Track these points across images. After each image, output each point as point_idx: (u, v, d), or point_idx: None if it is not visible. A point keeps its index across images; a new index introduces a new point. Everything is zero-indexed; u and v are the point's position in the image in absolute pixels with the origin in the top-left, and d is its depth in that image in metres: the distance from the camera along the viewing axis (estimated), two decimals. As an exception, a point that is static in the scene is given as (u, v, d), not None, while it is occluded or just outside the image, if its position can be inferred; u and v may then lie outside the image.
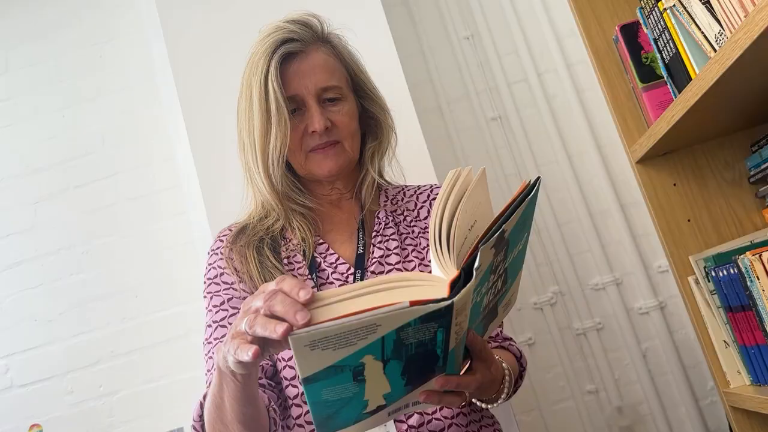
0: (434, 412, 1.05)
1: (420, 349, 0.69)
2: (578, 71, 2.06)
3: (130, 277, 2.07)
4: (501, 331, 1.18)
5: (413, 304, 0.63)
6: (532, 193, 0.74)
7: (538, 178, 0.77)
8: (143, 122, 2.16)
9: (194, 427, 1.01)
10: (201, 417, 1.00)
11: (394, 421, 1.02)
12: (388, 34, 1.76)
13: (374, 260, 1.10)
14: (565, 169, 2.01)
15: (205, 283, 1.18)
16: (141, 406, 1.98)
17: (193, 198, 1.91)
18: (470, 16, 2.14)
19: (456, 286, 0.65)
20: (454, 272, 0.66)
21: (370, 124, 1.21)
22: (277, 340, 0.67)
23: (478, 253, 0.66)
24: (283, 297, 0.68)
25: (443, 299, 0.63)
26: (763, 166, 1.32)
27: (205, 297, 1.17)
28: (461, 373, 0.82)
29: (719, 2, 0.96)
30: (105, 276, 2.07)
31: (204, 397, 1.00)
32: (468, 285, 0.65)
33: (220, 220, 1.67)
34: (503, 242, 0.73)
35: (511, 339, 1.18)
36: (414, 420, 1.03)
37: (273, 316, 0.68)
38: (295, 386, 1.06)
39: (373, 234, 1.15)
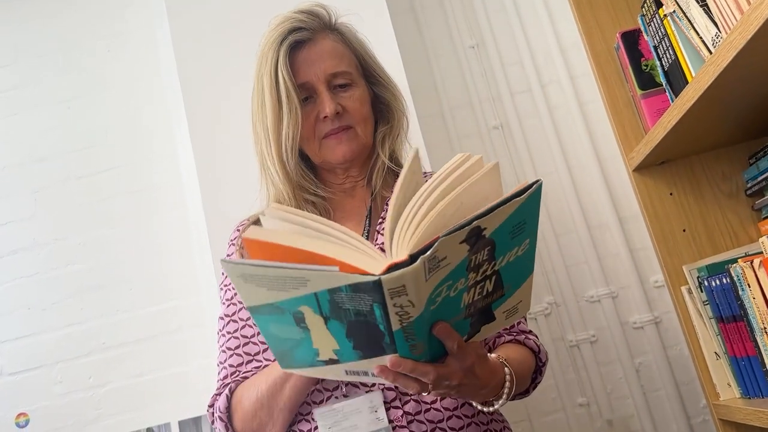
0: (434, 402, 1.03)
1: (360, 318, 0.68)
2: (581, 83, 2.06)
3: (125, 270, 2.06)
4: (518, 324, 1.14)
5: (343, 269, 0.63)
6: (523, 196, 0.70)
7: (539, 181, 0.73)
8: (147, 117, 2.17)
9: (220, 418, 1.05)
10: (228, 409, 1.05)
11: (390, 407, 1.02)
12: (393, 39, 1.77)
13: (377, 246, 1.10)
14: (565, 181, 2.01)
15: (222, 274, 1.21)
16: (129, 399, 1.97)
17: (192, 194, 1.91)
18: (476, 26, 2.15)
19: (395, 268, 0.63)
20: (402, 255, 0.64)
21: (382, 110, 1.21)
22: None
23: (436, 245, 0.63)
24: None
25: (370, 275, 0.63)
26: (760, 179, 1.32)
27: (221, 289, 1.20)
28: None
29: (716, 4, 0.96)
30: (100, 268, 2.07)
31: (231, 391, 1.06)
32: (402, 270, 0.62)
33: (217, 217, 1.68)
34: (482, 240, 0.69)
35: (529, 332, 1.14)
36: (410, 407, 1.02)
37: None
38: (307, 403, 1.07)
39: (379, 221, 1.15)
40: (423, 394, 0.81)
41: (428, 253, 0.63)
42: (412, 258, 0.63)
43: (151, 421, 1.95)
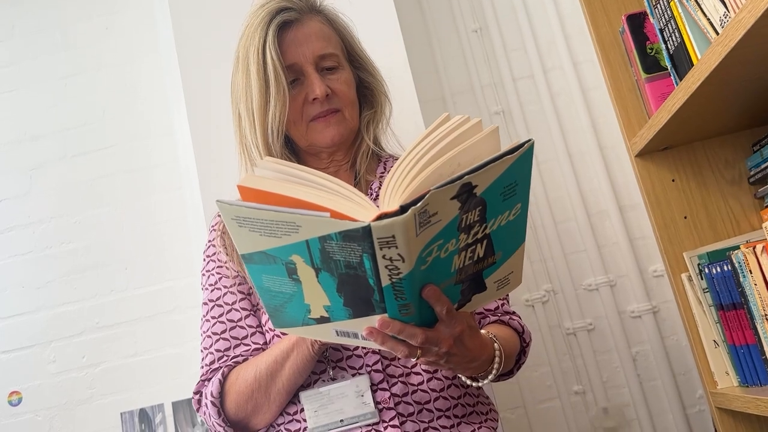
0: (420, 384, 1.03)
1: (350, 271, 0.69)
2: (585, 70, 2.04)
3: (120, 250, 2.05)
4: (502, 305, 1.15)
5: (334, 216, 0.64)
6: (515, 153, 0.69)
7: (530, 140, 0.72)
8: (144, 96, 2.15)
9: (213, 403, 1.04)
10: (221, 394, 1.05)
11: (377, 389, 1.01)
12: (396, 22, 1.75)
13: None
14: (566, 168, 1.99)
15: (203, 260, 1.19)
16: (123, 379, 1.96)
17: (189, 174, 1.90)
18: (480, 10, 2.12)
19: (386, 218, 0.64)
20: (393, 206, 0.65)
21: (366, 94, 1.21)
22: None
23: (427, 197, 0.64)
24: None
25: (360, 222, 0.64)
26: (763, 166, 1.30)
27: (203, 275, 1.18)
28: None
29: (725, -18, 0.94)
30: (96, 247, 2.06)
31: (223, 375, 1.05)
32: (392, 219, 0.63)
33: (213, 197, 1.65)
34: (473, 199, 0.69)
35: (513, 313, 1.15)
36: (398, 389, 1.02)
37: None
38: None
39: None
40: (411, 359, 0.81)
41: (419, 204, 0.63)
42: (403, 209, 0.64)
43: (143, 402, 1.94)
